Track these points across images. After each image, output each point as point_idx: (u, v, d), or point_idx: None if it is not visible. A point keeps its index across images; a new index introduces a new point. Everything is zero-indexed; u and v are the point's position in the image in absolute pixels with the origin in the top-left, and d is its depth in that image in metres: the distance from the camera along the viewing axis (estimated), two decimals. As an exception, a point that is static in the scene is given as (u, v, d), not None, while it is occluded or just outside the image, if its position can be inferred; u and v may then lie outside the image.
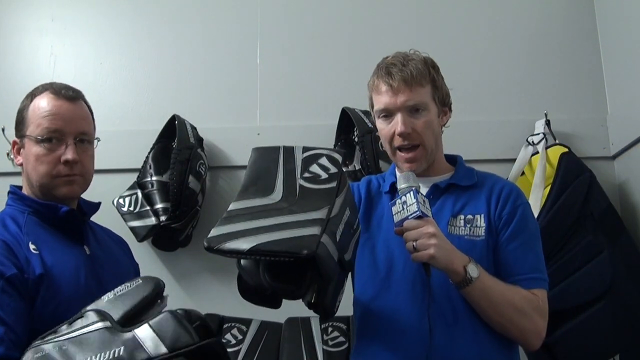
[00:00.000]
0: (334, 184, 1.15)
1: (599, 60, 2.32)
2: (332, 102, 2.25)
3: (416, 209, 1.25)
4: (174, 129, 2.17)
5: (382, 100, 1.39)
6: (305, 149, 1.22)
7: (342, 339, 1.97)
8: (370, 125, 2.10)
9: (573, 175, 2.00)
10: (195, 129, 2.23)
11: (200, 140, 2.24)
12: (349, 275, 1.43)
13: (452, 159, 1.51)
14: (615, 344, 1.84)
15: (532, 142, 2.14)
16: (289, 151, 1.22)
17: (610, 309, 1.85)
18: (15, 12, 2.45)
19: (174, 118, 2.20)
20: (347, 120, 2.17)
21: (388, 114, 1.39)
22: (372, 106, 1.46)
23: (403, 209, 1.27)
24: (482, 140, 2.20)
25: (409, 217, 1.26)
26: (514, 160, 2.16)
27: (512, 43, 2.36)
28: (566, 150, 2.07)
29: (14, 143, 1.44)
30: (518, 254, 1.36)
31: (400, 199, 1.29)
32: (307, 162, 1.20)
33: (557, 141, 2.14)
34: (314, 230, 1.02)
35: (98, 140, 1.50)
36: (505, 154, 2.20)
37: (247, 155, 2.22)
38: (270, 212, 1.07)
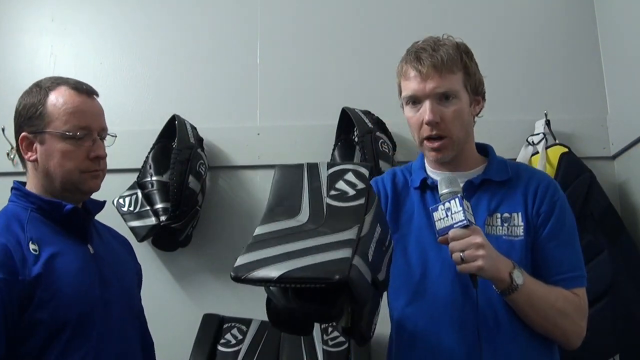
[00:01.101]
0: (362, 201, 1.10)
1: (599, 60, 2.31)
2: (332, 102, 2.25)
3: (463, 218, 1.19)
4: (174, 129, 2.17)
5: (410, 86, 1.32)
6: (330, 165, 1.16)
7: (342, 338, 1.97)
8: (370, 125, 2.10)
9: (573, 175, 2.00)
10: (195, 129, 2.23)
11: (200, 140, 2.24)
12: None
13: (483, 149, 1.45)
14: (615, 344, 1.84)
15: (532, 142, 2.14)
16: (313, 168, 1.16)
17: (610, 309, 1.85)
18: (15, 12, 2.45)
19: (174, 118, 2.20)
20: (347, 120, 2.17)
21: (416, 100, 1.32)
22: (400, 93, 1.39)
23: (447, 215, 1.21)
24: (482, 140, 2.18)
25: (454, 226, 1.19)
26: (514, 160, 2.16)
27: (512, 43, 2.35)
28: (566, 150, 2.07)
29: (24, 138, 1.39)
30: (558, 252, 1.31)
31: (444, 205, 1.22)
32: (333, 178, 1.14)
33: (557, 141, 2.14)
34: (345, 252, 0.98)
35: (115, 137, 1.50)
36: (505, 154, 2.14)
37: (247, 155, 2.28)
38: (298, 235, 1.03)
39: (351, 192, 1.11)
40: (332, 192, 1.12)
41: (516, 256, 1.28)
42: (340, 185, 1.13)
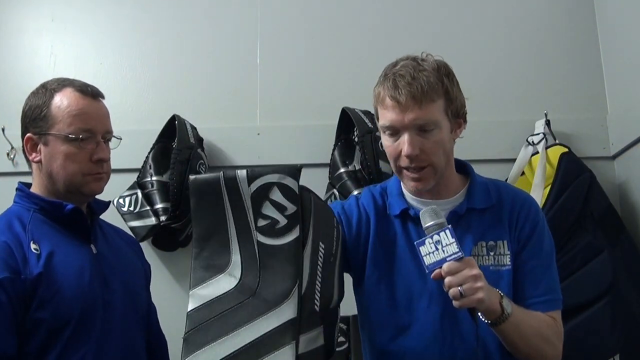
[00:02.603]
0: (296, 233, 1.03)
1: (599, 60, 2.31)
2: (332, 102, 2.25)
3: (457, 250, 1.13)
4: (174, 129, 2.17)
5: (388, 116, 1.24)
6: (250, 177, 1.05)
7: (342, 339, 1.97)
8: (370, 125, 2.10)
9: (573, 175, 2.00)
10: (195, 129, 2.23)
11: (200, 140, 2.23)
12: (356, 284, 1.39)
13: (461, 167, 1.40)
14: (615, 344, 1.84)
15: (532, 142, 2.14)
16: (232, 184, 1.05)
17: (610, 309, 1.85)
18: (15, 12, 2.45)
19: (174, 118, 2.20)
20: (347, 120, 2.17)
21: (394, 131, 1.25)
22: (377, 117, 1.32)
23: (436, 249, 1.14)
24: (482, 140, 2.20)
25: (448, 259, 1.13)
26: (514, 160, 2.16)
27: (512, 43, 2.35)
28: (566, 150, 2.07)
29: (29, 139, 1.40)
30: (535, 275, 1.29)
31: (432, 238, 1.15)
32: (257, 200, 1.05)
33: (557, 141, 2.14)
34: (287, 355, 0.97)
35: (120, 140, 1.49)
36: (505, 154, 2.20)
37: (247, 155, 2.28)
38: (236, 317, 0.99)
39: (282, 220, 1.04)
40: (261, 223, 1.04)
41: (505, 286, 1.26)
42: (268, 209, 1.04)
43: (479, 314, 1.18)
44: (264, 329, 0.98)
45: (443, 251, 1.14)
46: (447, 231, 1.14)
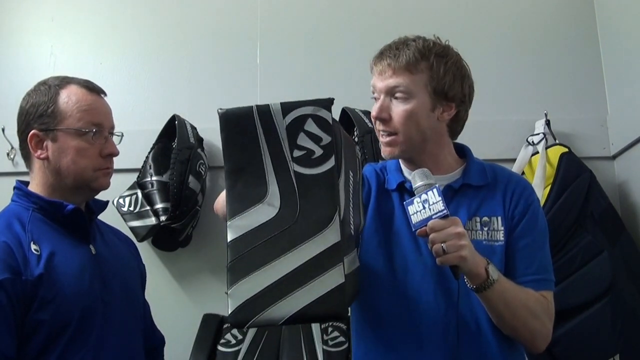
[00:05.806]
0: (332, 162, 1.04)
1: (599, 60, 2.31)
2: (332, 102, 2.25)
3: (443, 208, 1.16)
4: (174, 129, 2.17)
5: (372, 82, 1.35)
6: (284, 109, 1.06)
7: (342, 339, 1.97)
8: (370, 125, 2.10)
9: (573, 175, 2.00)
10: (195, 129, 2.23)
11: (200, 140, 2.24)
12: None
13: (460, 149, 1.43)
14: (615, 344, 1.84)
15: (532, 142, 2.14)
16: (266, 116, 1.06)
17: (610, 309, 1.85)
18: (15, 12, 2.45)
19: (174, 118, 2.20)
20: (347, 120, 2.17)
21: (376, 96, 1.33)
22: None
23: (424, 207, 1.18)
24: (482, 140, 2.18)
25: (433, 217, 1.16)
26: (514, 160, 2.16)
27: (512, 43, 2.35)
28: (566, 150, 2.07)
29: (34, 135, 1.38)
30: (528, 252, 1.30)
31: (420, 197, 1.19)
32: (293, 131, 1.05)
33: (557, 141, 2.14)
34: (337, 276, 0.99)
35: (120, 136, 1.50)
36: (505, 154, 2.20)
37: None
38: (280, 243, 1.01)
39: (317, 150, 1.05)
40: (297, 153, 1.05)
41: (497, 261, 1.27)
42: (303, 140, 1.05)
43: (465, 279, 1.21)
44: (310, 253, 1.00)
45: (430, 209, 1.17)
46: (435, 190, 1.18)
